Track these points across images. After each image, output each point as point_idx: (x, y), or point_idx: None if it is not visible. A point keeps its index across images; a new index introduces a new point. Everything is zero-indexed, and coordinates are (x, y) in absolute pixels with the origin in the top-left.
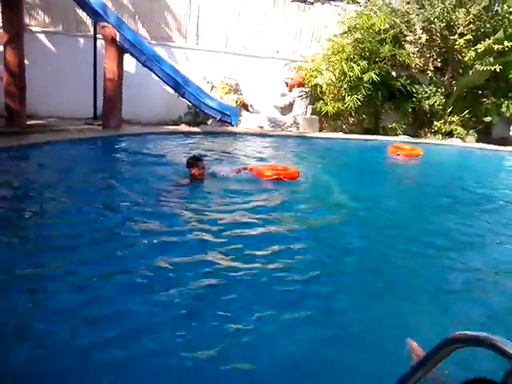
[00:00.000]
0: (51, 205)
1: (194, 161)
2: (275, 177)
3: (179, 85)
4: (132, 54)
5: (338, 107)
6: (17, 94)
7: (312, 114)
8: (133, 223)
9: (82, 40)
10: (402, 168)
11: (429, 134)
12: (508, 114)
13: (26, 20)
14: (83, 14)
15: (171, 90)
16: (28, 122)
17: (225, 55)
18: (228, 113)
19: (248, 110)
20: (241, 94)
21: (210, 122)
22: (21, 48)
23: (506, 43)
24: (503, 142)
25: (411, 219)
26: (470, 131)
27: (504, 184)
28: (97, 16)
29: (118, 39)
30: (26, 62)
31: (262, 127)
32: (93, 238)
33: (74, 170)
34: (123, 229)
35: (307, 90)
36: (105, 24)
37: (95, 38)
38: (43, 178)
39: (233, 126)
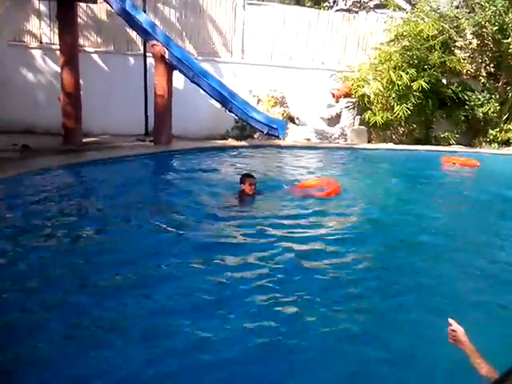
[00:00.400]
0: (111, 221)
1: (246, 177)
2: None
3: (226, 99)
4: (180, 71)
5: (387, 117)
6: (73, 113)
7: (360, 124)
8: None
9: (132, 59)
10: (460, 181)
11: (484, 144)
12: None
13: (80, 41)
14: (133, 33)
15: (218, 105)
16: (83, 140)
17: (270, 68)
18: (275, 126)
19: (294, 123)
20: (287, 106)
21: (256, 135)
22: (76, 68)
23: None
24: None
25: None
26: None
27: None
28: (146, 35)
29: (166, 56)
30: (80, 81)
31: (309, 139)
32: (144, 253)
33: (129, 186)
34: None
35: (354, 100)
36: (154, 42)
37: (145, 56)
38: (101, 194)
39: (280, 139)
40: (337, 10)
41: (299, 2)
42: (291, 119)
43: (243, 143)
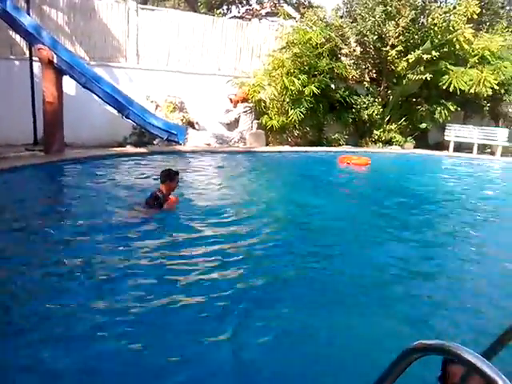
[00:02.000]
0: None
1: (174, 174)
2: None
3: (122, 105)
4: (71, 76)
5: (283, 121)
6: None
7: (258, 128)
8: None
9: (17, 63)
10: (356, 177)
11: (370, 143)
12: (441, 120)
13: None
14: (17, 36)
15: (114, 111)
16: None
17: (167, 73)
18: (174, 132)
19: (194, 128)
20: (186, 111)
21: (156, 141)
22: None
23: (433, 53)
24: (438, 146)
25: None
26: (408, 138)
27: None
28: (31, 38)
29: (55, 61)
30: None
31: (209, 144)
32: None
33: (18, 200)
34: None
35: (251, 105)
36: (40, 46)
37: (31, 61)
38: None
39: (180, 144)
40: (230, 17)
41: (194, 8)
42: (191, 124)
43: (142, 150)
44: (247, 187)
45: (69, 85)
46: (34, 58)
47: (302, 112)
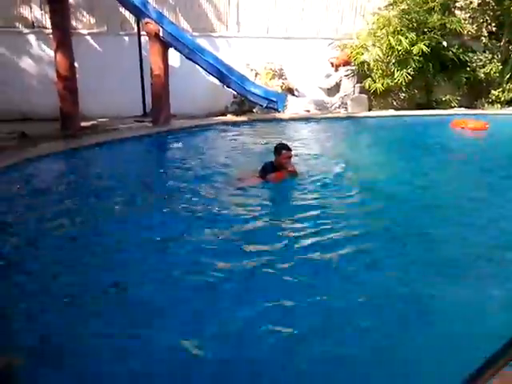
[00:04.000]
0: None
1: (279, 148)
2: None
3: (223, 74)
4: (175, 48)
5: (388, 83)
6: (69, 97)
7: (360, 92)
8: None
9: (126, 38)
10: (473, 143)
11: (486, 105)
12: None
13: (73, 23)
14: (126, 13)
15: (216, 81)
16: (81, 124)
17: (267, 40)
18: (274, 99)
19: (294, 95)
20: (285, 78)
21: (255, 109)
22: (70, 51)
23: None
24: None
25: None
26: None
27: None
28: (138, 12)
29: (161, 34)
30: (75, 64)
31: (308, 111)
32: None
33: (132, 170)
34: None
35: (354, 68)
36: (147, 20)
37: (139, 36)
38: (103, 179)
39: (279, 111)
40: None
41: None
42: (290, 91)
43: (243, 118)
44: (352, 157)
45: (173, 57)
46: (141, 33)
47: (409, 73)
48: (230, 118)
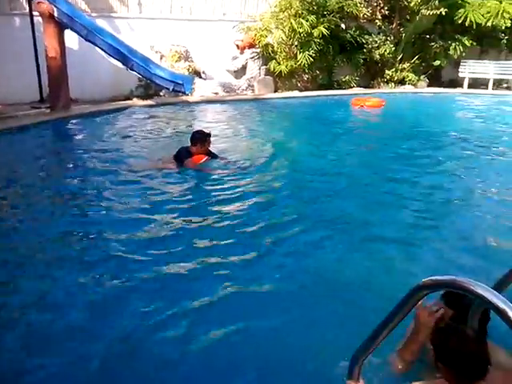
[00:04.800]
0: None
1: (205, 136)
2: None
3: (126, 57)
4: (72, 29)
5: (291, 65)
6: None
7: (266, 74)
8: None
9: (17, 19)
10: (370, 118)
11: (382, 84)
12: (456, 57)
13: None
14: None
15: (119, 64)
16: None
17: (171, 22)
18: (180, 82)
19: (201, 77)
20: (192, 61)
21: (162, 92)
22: None
23: None
24: (452, 84)
25: None
26: (421, 77)
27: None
28: None
29: (55, 14)
30: None
31: (216, 93)
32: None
33: (27, 161)
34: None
35: (259, 50)
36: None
37: (31, 16)
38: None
39: (187, 94)
40: None
41: None
42: (197, 73)
43: (149, 102)
44: (259, 136)
45: (71, 39)
46: (34, 13)
47: (310, 55)
48: (135, 101)
